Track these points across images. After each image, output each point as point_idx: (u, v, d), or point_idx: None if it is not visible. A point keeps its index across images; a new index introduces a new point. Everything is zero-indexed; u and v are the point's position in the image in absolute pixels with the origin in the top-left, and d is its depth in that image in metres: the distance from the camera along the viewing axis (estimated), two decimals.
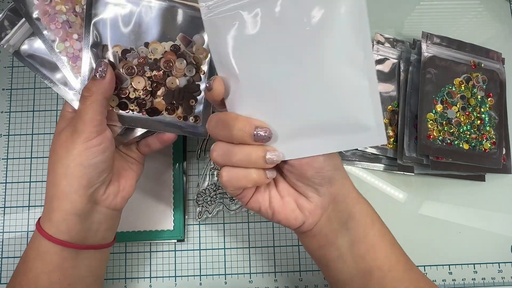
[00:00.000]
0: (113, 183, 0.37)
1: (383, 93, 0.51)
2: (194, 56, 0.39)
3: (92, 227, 0.36)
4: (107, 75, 0.35)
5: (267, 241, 0.49)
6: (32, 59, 0.39)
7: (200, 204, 0.49)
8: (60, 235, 0.34)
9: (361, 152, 0.51)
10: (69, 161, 0.34)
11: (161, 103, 0.39)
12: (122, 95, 0.38)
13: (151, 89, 0.38)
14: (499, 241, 0.50)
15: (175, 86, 0.39)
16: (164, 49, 0.38)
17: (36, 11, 0.38)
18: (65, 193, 0.34)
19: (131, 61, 0.38)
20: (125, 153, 0.41)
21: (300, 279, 0.49)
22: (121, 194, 0.38)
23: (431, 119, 0.49)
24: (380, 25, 0.54)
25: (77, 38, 0.38)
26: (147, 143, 0.40)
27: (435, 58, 0.51)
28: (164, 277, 0.48)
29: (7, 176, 0.50)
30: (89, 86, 0.34)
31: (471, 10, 0.56)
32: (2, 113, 0.52)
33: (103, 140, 0.34)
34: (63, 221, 0.34)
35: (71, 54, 0.38)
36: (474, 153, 0.49)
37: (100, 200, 0.36)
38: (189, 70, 0.39)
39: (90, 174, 0.34)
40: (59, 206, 0.34)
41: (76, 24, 0.38)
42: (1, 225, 0.49)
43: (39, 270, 0.35)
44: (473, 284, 0.49)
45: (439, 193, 0.51)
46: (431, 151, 0.48)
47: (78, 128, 0.34)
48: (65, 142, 0.34)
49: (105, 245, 0.38)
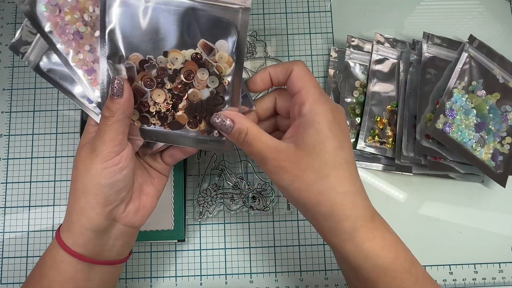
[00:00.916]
0: (134, 201, 0.37)
1: (382, 93, 0.52)
2: (217, 65, 0.35)
3: (108, 243, 0.36)
4: (125, 93, 0.33)
5: (268, 241, 0.49)
6: (52, 73, 0.38)
7: (201, 204, 0.49)
8: (76, 247, 0.34)
9: (359, 152, 0.51)
10: (87, 179, 0.33)
11: (183, 117, 0.37)
12: (143, 108, 0.36)
13: (172, 102, 0.36)
14: (500, 241, 0.50)
15: (198, 99, 0.36)
16: (184, 58, 0.35)
17: (48, 23, 0.36)
18: (83, 209, 0.34)
19: (149, 72, 0.35)
20: (149, 165, 0.40)
21: (301, 279, 0.49)
22: (141, 212, 0.37)
23: (430, 120, 0.49)
24: (380, 25, 0.54)
25: (89, 49, 0.36)
26: (170, 153, 0.40)
27: (435, 58, 0.51)
28: (165, 277, 0.49)
29: (7, 176, 0.50)
30: (109, 106, 0.33)
31: (471, 10, 0.56)
32: (2, 113, 0.52)
33: (122, 159, 0.34)
34: (80, 235, 0.34)
35: (86, 66, 0.37)
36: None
37: (119, 218, 0.36)
38: (212, 81, 0.36)
39: (108, 192, 0.34)
40: (77, 221, 0.34)
41: (87, 34, 0.36)
42: (1, 225, 0.49)
43: (53, 278, 0.35)
44: (473, 284, 0.49)
45: (439, 193, 0.51)
46: (429, 151, 0.48)
47: (97, 148, 0.33)
48: (84, 160, 0.34)
49: (119, 261, 0.38)
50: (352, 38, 0.52)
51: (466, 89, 0.50)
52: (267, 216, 0.50)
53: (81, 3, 0.36)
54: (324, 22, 0.55)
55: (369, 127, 0.51)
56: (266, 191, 0.49)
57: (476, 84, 0.50)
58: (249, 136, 0.34)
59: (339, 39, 0.54)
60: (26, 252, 0.49)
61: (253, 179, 0.50)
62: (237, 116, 0.34)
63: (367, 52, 0.52)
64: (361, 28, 0.54)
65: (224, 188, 0.50)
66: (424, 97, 0.49)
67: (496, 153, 0.49)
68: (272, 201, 0.49)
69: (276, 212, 0.50)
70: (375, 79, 0.52)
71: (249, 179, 0.50)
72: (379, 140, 0.51)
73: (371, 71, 0.52)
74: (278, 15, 0.55)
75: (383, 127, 0.51)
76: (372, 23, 0.55)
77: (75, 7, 0.36)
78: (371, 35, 0.53)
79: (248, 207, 0.49)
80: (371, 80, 0.51)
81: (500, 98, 0.50)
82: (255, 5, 0.55)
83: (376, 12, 0.55)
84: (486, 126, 0.49)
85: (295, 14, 0.55)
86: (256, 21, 0.54)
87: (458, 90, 0.49)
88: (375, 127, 0.51)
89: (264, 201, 0.49)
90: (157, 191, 0.40)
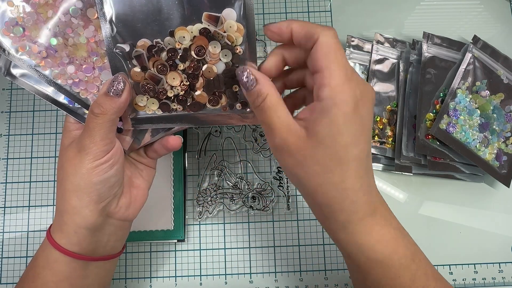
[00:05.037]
0: (125, 195, 0.36)
1: (382, 93, 0.51)
2: (227, 35, 0.33)
3: (103, 239, 0.36)
4: (124, 94, 0.32)
5: (268, 241, 0.49)
6: (26, 78, 0.36)
7: (201, 204, 0.49)
8: (70, 246, 0.34)
9: None
10: (78, 179, 0.33)
11: (203, 96, 0.35)
12: (162, 96, 0.35)
13: (188, 83, 0.34)
14: (500, 241, 0.50)
15: (214, 74, 0.34)
16: (192, 34, 0.33)
17: (14, 46, 0.34)
18: (76, 208, 0.33)
19: (159, 57, 0.34)
20: (135, 159, 0.40)
21: (301, 279, 0.49)
22: (133, 205, 0.37)
23: (430, 119, 0.49)
24: (380, 25, 0.54)
25: (68, 61, 0.34)
26: (154, 149, 0.39)
27: (435, 58, 0.51)
28: (164, 277, 0.48)
29: (7, 176, 0.50)
30: (101, 103, 0.32)
31: (471, 10, 0.56)
32: (2, 113, 0.52)
33: (113, 156, 0.33)
34: (74, 234, 0.34)
35: (70, 80, 0.35)
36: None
37: (112, 213, 0.35)
38: (225, 54, 0.34)
39: (101, 189, 0.33)
40: (70, 220, 0.34)
41: (60, 45, 0.34)
42: (1, 225, 0.49)
43: (47, 278, 0.34)
44: (473, 284, 0.49)
45: (439, 193, 0.51)
46: (429, 151, 0.48)
47: (86, 147, 0.32)
48: (73, 160, 0.33)
49: (114, 255, 0.38)
50: (352, 38, 0.52)
51: (470, 90, 0.50)
52: (267, 216, 0.50)
53: (42, 14, 0.34)
54: (324, 22, 0.55)
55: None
56: (266, 191, 0.49)
57: (480, 84, 0.50)
58: (266, 102, 0.31)
59: (339, 39, 0.54)
60: (26, 252, 0.49)
61: (253, 179, 0.50)
62: (262, 77, 0.31)
63: (367, 52, 0.52)
64: (361, 28, 0.54)
65: (224, 188, 0.50)
66: (424, 97, 0.49)
67: (500, 153, 0.49)
68: (272, 201, 0.49)
69: (276, 212, 0.50)
70: (375, 79, 0.52)
71: (249, 179, 0.50)
72: (379, 140, 0.51)
73: (371, 71, 0.52)
74: (278, 15, 0.55)
75: (383, 127, 0.51)
76: (372, 23, 0.55)
77: (38, 20, 0.34)
78: (371, 35, 0.53)
79: (248, 207, 0.49)
80: (371, 80, 0.51)
81: (504, 99, 0.50)
82: (255, 5, 0.55)
83: (376, 12, 0.55)
84: (490, 127, 0.49)
85: (295, 14, 0.55)
86: (256, 21, 0.54)
87: (462, 90, 0.49)
88: (375, 127, 0.51)
89: (264, 201, 0.49)
90: (147, 182, 0.39)
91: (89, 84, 0.35)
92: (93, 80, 0.35)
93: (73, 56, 0.35)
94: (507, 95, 0.50)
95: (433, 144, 0.49)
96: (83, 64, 0.35)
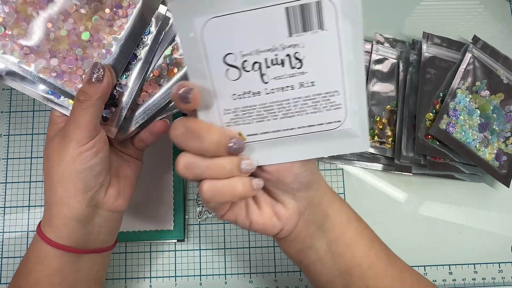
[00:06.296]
0: (113, 185, 0.36)
1: (382, 93, 0.51)
2: None
3: (93, 231, 0.36)
4: (105, 79, 0.33)
5: (267, 241, 0.49)
6: (10, 76, 0.35)
7: (200, 204, 0.49)
8: (61, 240, 0.34)
9: (359, 152, 0.51)
10: (62, 168, 0.33)
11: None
12: None
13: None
14: (499, 241, 0.50)
15: None
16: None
17: None
18: (63, 199, 0.33)
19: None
20: (121, 151, 0.40)
21: (301, 279, 0.49)
22: (122, 195, 0.37)
23: (429, 119, 0.49)
24: (380, 25, 0.54)
25: (49, 56, 0.35)
26: (140, 138, 0.39)
27: (435, 58, 0.51)
28: (164, 277, 0.49)
29: (7, 176, 0.50)
30: (85, 90, 0.33)
31: (471, 10, 0.56)
32: (2, 113, 0.52)
33: (96, 143, 0.33)
34: (63, 226, 0.34)
35: (54, 72, 0.35)
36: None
37: (101, 204, 0.35)
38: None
39: (86, 178, 0.33)
40: (59, 212, 0.34)
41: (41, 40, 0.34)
42: (1, 225, 0.49)
43: (40, 273, 0.34)
44: (473, 284, 0.49)
45: (439, 193, 0.51)
46: (428, 151, 0.48)
47: (70, 133, 0.33)
48: (57, 148, 0.33)
49: (106, 249, 0.38)
50: None
51: (470, 90, 0.50)
52: None
53: (22, 12, 0.34)
54: None
55: (369, 127, 0.51)
56: None
57: (480, 84, 0.50)
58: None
59: None
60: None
61: None
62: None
63: (367, 52, 0.52)
64: None
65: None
66: (424, 97, 0.49)
67: (500, 153, 0.49)
68: None
69: None
70: (374, 79, 0.52)
71: None
72: (378, 140, 0.51)
73: (371, 71, 0.52)
74: None
75: (382, 127, 0.51)
76: (372, 23, 0.55)
77: (18, 18, 0.34)
78: (370, 35, 0.53)
79: None
80: (370, 80, 0.51)
81: (504, 99, 0.50)
82: None
83: (376, 12, 0.55)
84: (490, 127, 0.49)
85: None
86: None
87: (461, 90, 0.49)
88: (374, 127, 0.51)
89: None
90: (135, 173, 0.39)
91: (73, 75, 0.36)
92: (76, 70, 0.36)
93: (56, 50, 0.35)
94: (507, 95, 0.50)
95: (433, 144, 0.49)
96: (66, 56, 0.36)
